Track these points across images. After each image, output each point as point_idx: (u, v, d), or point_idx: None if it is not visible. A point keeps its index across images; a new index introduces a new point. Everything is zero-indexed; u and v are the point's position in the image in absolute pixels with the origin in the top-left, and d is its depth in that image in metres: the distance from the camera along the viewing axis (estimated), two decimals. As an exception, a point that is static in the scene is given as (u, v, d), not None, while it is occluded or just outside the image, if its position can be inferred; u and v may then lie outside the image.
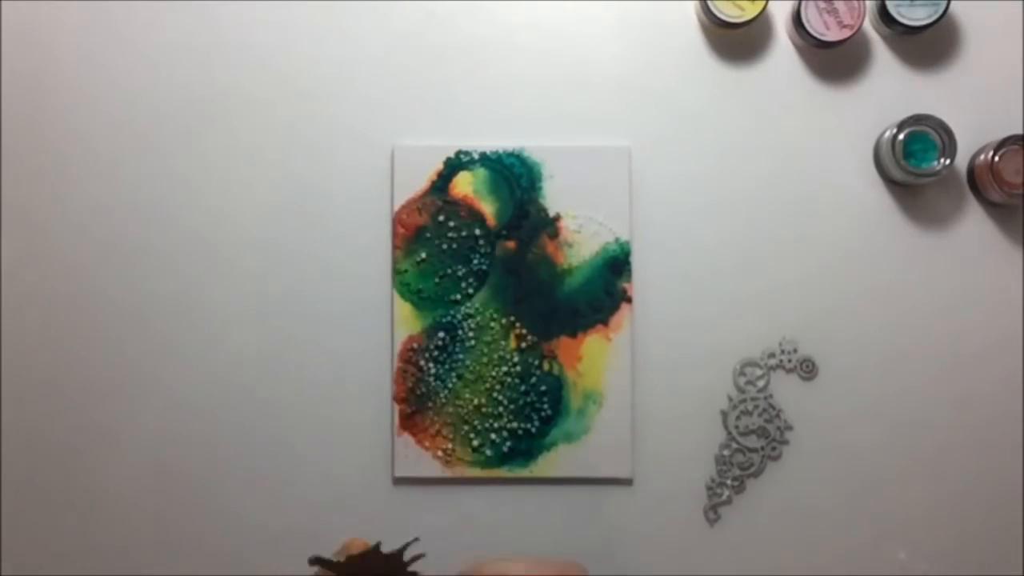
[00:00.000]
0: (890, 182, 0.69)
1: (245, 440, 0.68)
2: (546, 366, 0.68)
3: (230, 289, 0.69)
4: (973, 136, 0.68)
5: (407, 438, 0.67)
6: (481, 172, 0.68)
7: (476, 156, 0.68)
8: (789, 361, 0.68)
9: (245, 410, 0.68)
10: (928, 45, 0.70)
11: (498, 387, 0.68)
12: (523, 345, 0.68)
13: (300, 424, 0.68)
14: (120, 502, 0.68)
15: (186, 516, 0.68)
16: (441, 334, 0.68)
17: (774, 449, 0.68)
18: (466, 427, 0.68)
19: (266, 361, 0.68)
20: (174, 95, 0.70)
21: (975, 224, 0.69)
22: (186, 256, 0.69)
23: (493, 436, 0.68)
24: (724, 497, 0.68)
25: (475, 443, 0.67)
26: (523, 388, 0.67)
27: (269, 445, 0.67)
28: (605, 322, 0.68)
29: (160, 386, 0.68)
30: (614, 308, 0.68)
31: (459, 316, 0.68)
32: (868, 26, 0.69)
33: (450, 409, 0.68)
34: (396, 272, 0.68)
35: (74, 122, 0.69)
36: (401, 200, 0.68)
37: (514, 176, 0.68)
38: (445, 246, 0.68)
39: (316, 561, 0.48)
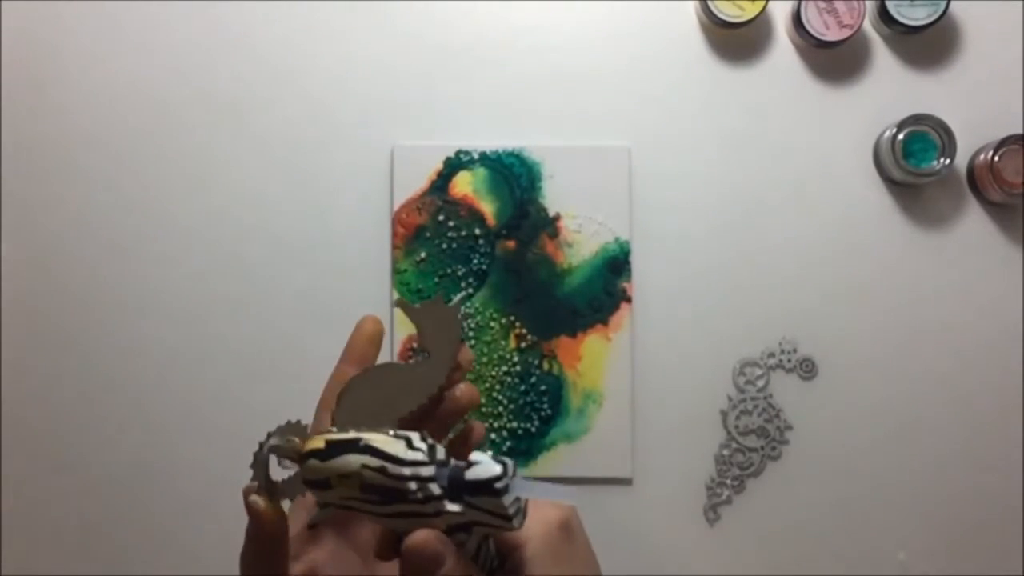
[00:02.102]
0: (890, 182, 0.69)
1: (246, 440, 0.68)
2: (546, 366, 0.68)
3: (230, 288, 0.69)
4: (973, 136, 0.68)
5: (407, 438, 0.67)
6: (481, 172, 0.68)
7: (476, 156, 0.68)
8: (789, 361, 0.68)
9: (246, 410, 0.68)
10: (928, 45, 0.70)
11: (498, 387, 0.68)
12: (523, 345, 0.68)
13: (304, 422, 0.68)
14: (121, 502, 0.68)
15: (187, 515, 0.68)
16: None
17: (774, 449, 0.68)
18: (466, 427, 0.68)
19: (266, 361, 0.68)
20: (174, 94, 0.70)
21: (975, 224, 0.69)
22: (185, 256, 0.69)
23: (493, 436, 0.68)
24: (724, 497, 0.68)
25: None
26: (523, 388, 0.67)
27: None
28: (605, 322, 0.68)
29: (160, 385, 0.68)
30: (614, 308, 0.68)
31: (459, 316, 0.68)
32: (868, 26, 0.69)
33: (450, 409, 0.68)
34: (396, 272, 0.68)
35: (75, 121, 0.69)
36: (401, 200, 0.68)
37: (514, 176, 0.68)
38: (445, 246, 0.68)
39: (400, 304, 0.49)
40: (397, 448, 0.43)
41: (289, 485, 0.47)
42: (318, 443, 0.43)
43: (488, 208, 0.68)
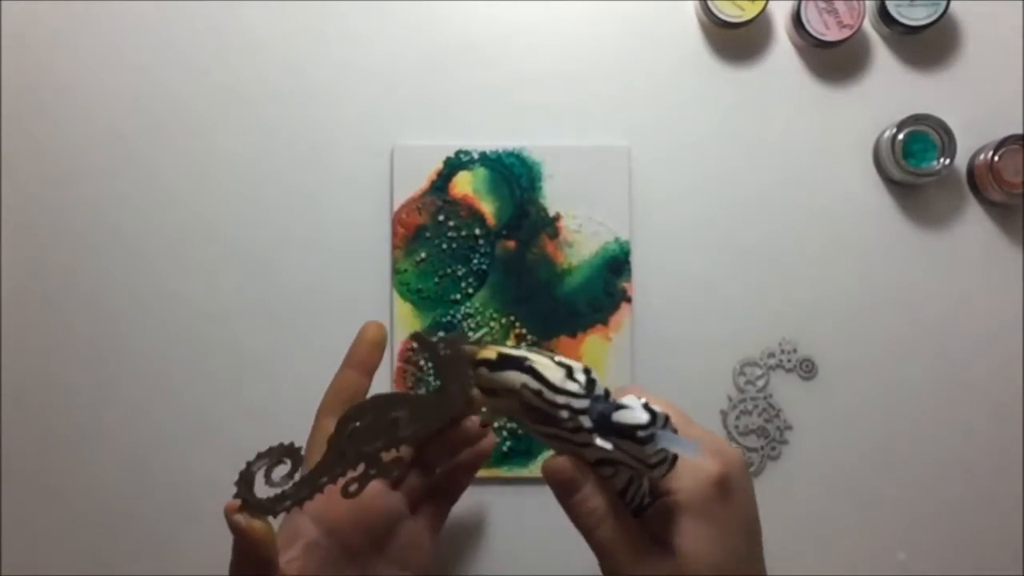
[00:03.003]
0: (890, 182, 0.69)
1: (246, 440, 0.68)
2: (546, 366, 0.68)
3: (229, 289, 0.69)
4: (973, 136, 0.68)
5: (407, 438, 0.67)
6: (481, 172, 0.68)
7: (476, 156, 0.68)
8: (789, 361, 0.69)
9: (246, 410, 0.68)
10: (928, 45, 0.70)
11: (498, 387, 0.67)
12: (523, 345, 0.68)
13: (301, 424, 0.68)
14: (122, 502, 0.68)
15: (188, 517, 0.68)
16: (441, 334, 0.67)
17: (774, 449, 0.68)
18: (466, 427, 0.67)
19: (265, 361, 0.68)
20: (171, 93, 0.70)
21: (975, 224, 0.69)
22: (183, 256, 0.69)
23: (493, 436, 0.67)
24: (724, 497, 0.68)
25: (475, 443, 0.67)
26: (523, 388, 0.67)
27: (271, 445, 0.67)
28: (605, 322, 0.68)
29: (159, 387, 0.68)
30: (614, 308, 0.68)
31: (459, 316, 0.68)
32: (868, 26, 0.69)
33: (450, 409, 0.67)
34: (396, 272, 0.68)
35: (77, 122, 0.69)
36: (401, 200, 0.68)
37: (514, 176, 0.68)
38: (445, 246, 0.68)
39: (415, 337, 0.48)
40: (556, 376, 0.44)
41: (274, 502, 0.47)
42: (491, 353, 0.45)
43: (488, 208, 0.68)
